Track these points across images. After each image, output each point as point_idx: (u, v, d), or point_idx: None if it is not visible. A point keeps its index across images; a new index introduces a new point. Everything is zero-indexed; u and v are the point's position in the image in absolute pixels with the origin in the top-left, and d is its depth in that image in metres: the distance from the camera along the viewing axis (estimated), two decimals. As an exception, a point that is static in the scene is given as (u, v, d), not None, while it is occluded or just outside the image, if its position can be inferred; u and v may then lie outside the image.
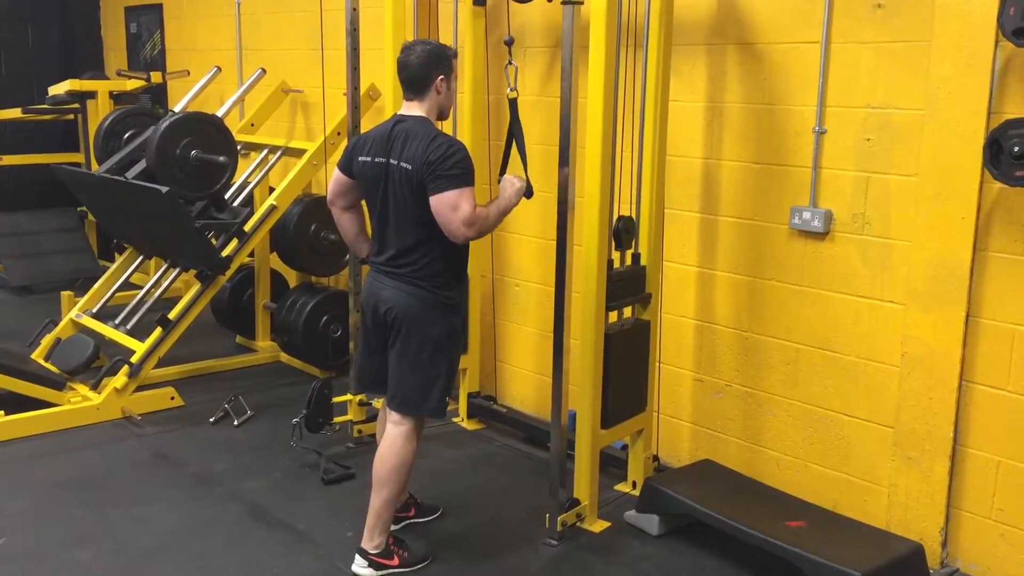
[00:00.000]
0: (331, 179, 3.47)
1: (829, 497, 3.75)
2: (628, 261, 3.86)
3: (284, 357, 5.80)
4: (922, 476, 3.43)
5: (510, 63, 3.54)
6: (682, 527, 3.67)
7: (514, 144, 3.56)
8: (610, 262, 3.67)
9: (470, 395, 4.86)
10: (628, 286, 3.80)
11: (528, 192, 3.43)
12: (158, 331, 5.01)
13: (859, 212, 3.57)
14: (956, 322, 3.30)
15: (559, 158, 3.50)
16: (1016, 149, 2.97)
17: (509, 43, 3.61)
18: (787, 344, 3.85)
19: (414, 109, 3.28)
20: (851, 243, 3.61)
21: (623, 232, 3.77)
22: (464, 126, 4.64)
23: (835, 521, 3.53)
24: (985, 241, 3.24)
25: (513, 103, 3.50)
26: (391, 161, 3.21)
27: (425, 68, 3.24)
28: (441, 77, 3.26)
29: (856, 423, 3.66)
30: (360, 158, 3.30)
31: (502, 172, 3.52)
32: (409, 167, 3.15)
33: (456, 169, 3.11)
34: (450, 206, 3.10)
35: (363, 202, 3.46)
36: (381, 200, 3.26)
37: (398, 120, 3.28)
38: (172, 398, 5.01)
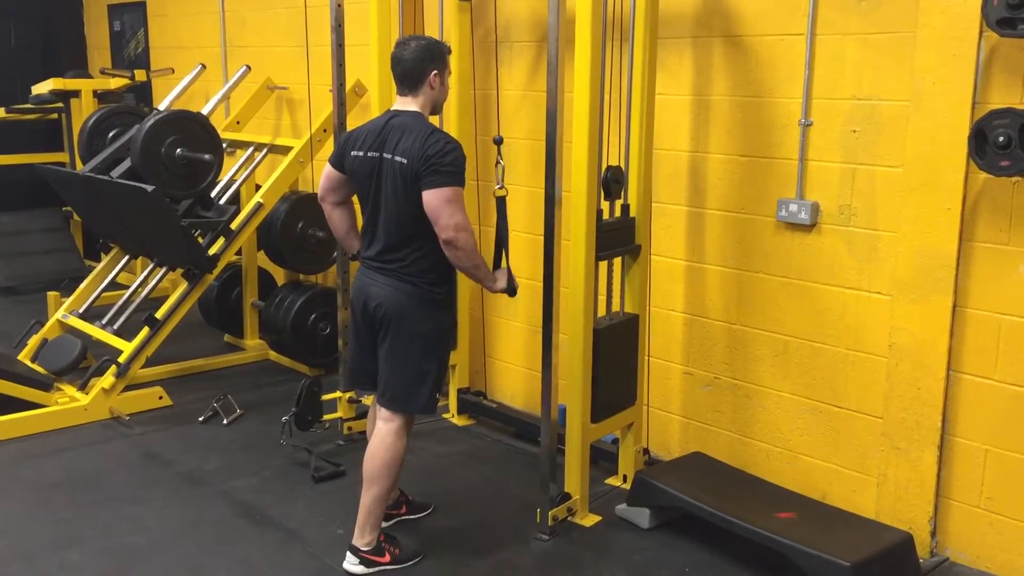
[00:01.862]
0: (322, 174, 3.45)
1: (819, 488, 3.77)
2: (617, 212, 3.85)
3: (273, 355, 5.79)
4: (911, 466, 3.45)
5: (499, 163, 3.51)
6: (673, 520, 3.68)
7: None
8: (599, 212, 3.65)
9: (460, 391, 4.86)
10: (618, 236, 3.79)
11: (511, 291, 3.42)
12: (145, 331, 4.98)
13: (846, 204, 3.58)
14: (943, 312, 3.31)
15: (545, 153, 3.50)
16: (1001, 139, 2.98)
17: (498, 142, 3.58)
18: (775, 336, 3.86)
19: (408, 104, 3.28)
20: (838, 235, 3.62)
21: (612, 182, 3.76)
22: (451, 121, 4.63)
23: (825, 512, 3.55)
24: (971, 231, 3.25)
25: (501, 201, 3.46)
26: (385, 155, 3.20)
27: (419, 63, 3.23)
28: (435, 72, 3.26)
29: (845, 414, 3.68)
30: (352, 152, 3.29)
31: (495, 266, 3.48)
32: (404, 161, 3.14)
33: (452, 167, 3.12)
34: (444, 201, 3.10)
35: (354, 198, 3.45)
36: (373, 195, 3.26)
37: (392, 115, 3.27)
38: (160, 398, 4.99)
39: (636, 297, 3.95)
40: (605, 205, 3.77)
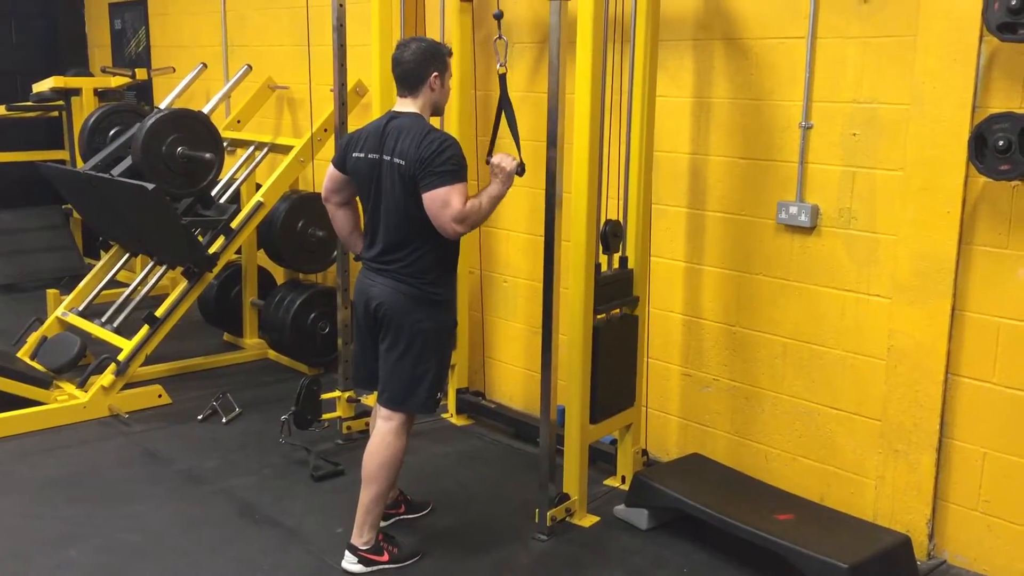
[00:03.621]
0: (325, 175, 3.46)
1: (817, 490, 3.77)
2: (616, 264, 3.87)
3: (272, 354, 5.79)
4: (909, 468, 3.46)
5: (499, 37, 3.49)
6: (671, 521, 3.69)
7: (504, 120, 3.50)
8: (597, 266, 3.67)
9: (459, 391, 4.86)
10: (616, 289, 3.81)
11: (520, 170, 3.36)
12: (145, 329, 4.99)
13: (845, 207, 3.58)
14: (942, 315, 3.32)
15: (546, 154, 3.50)
16: (1000, 143, 2.99)
17: (498, 16, 3.55)
18: (774, 338, 3.86)
19: (408, 105, 3.28)
20: (837, 237, 3.62)
21: (610, 236, 3.78)
22: (452, 122, 4.63)
23: (823, 514, 3.55)
24: (970, 235, 3.26)
25: (502, 79, 3.46)
26: (384, 157, 3.21)
27: (419, 65, 3.24)
28: (435, 74, 3.26)
29: (843, 416, 3.68)
30: (354, 154, 3.30)
31: (490, 151, 3.48)
32: (402, 163, 3.15)
33: (448, 165, 3.11)
34: (442, 202, 3.10)
35: (358, 198, 3.46)
36: (374, 196, 3.26)
37: (392, 116, 3.28)
38: (160, 396, 4.99)
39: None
40: (603, 259, 3.78)
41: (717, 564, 3.48)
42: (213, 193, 5.40)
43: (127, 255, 5.75)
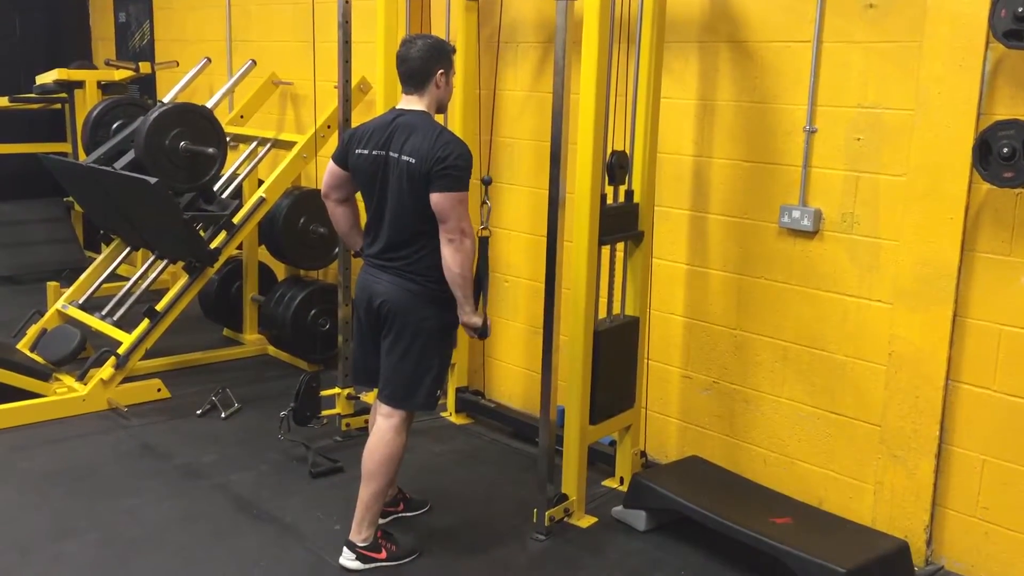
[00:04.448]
0: (326, 172, 3.46)
1: (815, 494, 3.78)
2: (621, 197, 3.85)
3: (272, 350, 5.79)
4: (908, 474, 3.46)
5: (484, 203, 3.56)
6: (669, 523, 3.69)
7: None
8: (603, 197, 3.65)
9: (458, 390, 4.86)
10: (621, 221, 3.79)
11: (484, 333, 3.38)
12: (145, 323, 4.98)
13: (848, 211, 3.58)
14: (943, 322, 3.32)
15: (550, 154, 3.50)
16: (1005, 150, 2.99)
17: (487, 183, 3.61)
18: (775, 342, 3.86)
19: (413, 103, 3.28)
20: (840, 242, 3.62)
21: (616, 167, 3.76)
22: (455, 120, 4.63)
23: (821, 518, 3.56)
24: (973, 241, 3.26)
25: (484, 242, 3.46)
26: (391, 154, 3.20)
27: (425, 62, 3.23)
28: (441, 71, 3.26)
29: (843, 421, 3.68)
30: (357, 150, 3.30)
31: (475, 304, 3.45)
32: (413, 160, 3.14)
33: (462, 172, 3.14)
34: (455, 202, 3.12)
35: (358, 195, 3.45)
36: (379, 193, 3.26)
37: (398, 113, 3.27)
38: (159, 390, 4.99)
39: (637, 299, 3.95)
40: (609, 190, 3.76)
41: (714, 566, 3.48)
42: (215, 188, 5.40)
43: (128, 249, 5.74)
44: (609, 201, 3.74)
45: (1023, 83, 3.10)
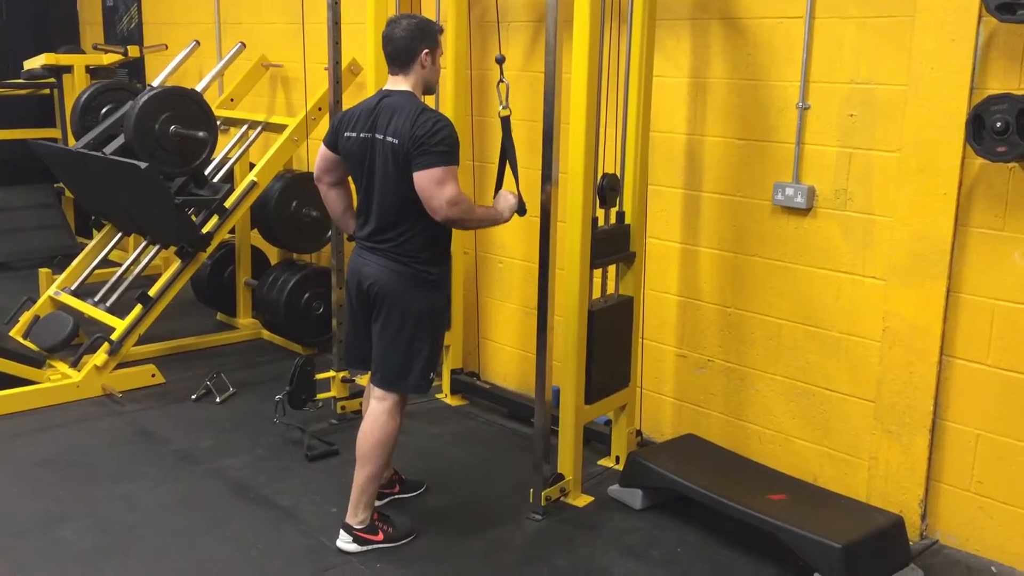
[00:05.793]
0: (317, 155, 3.44)
1: (810, 470, 3.79)
2: (612, 220, 3.85)
3: (266, 334, 5.78)
4: (902, 449, 3.47)
5: (501, 81, 3.45)
6: (665, 501, 3.70)
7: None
8: (595, 220, 3.65)
9: (453, 371, 4.86)
10: (613, 244, 3.79)
11: (521, 210, 3.40)
12: (138, 308, 4.97)
13: (842, 188, 3.58)
14: (937, 297, 3.32)
15: (543, 133, 3.48)
16: (998, 124, 2.98)
17: (500, 61, 3.53)
18: (769, 319, 3.86)
19: (399, 83, 3.26)
20: (833, 219, 3.62)
21: (608, 190, 3.75)
22: (447, 101, 4.60)
23: (816, 494, 3.57)
24: (966, 216, 3.26)
25: (506, 121, 3.43)
26: (377, 136, 3.18)
27: (410, 42, 3.21)
28: (426, 51, 3.24)
29: (837, 397, 3.69)
30: (346, 133, 3.28)
31: (497, 188, 3.49)
32: (395, 141, 3.13)
33: (443, 146, 3.10)
34: (435, 182, 3.09)
35: (350, 178, 3.43)
36: (367, 176, 3.24)
37: (384, 95, 3.25)
38: (153, 375, 4.98)
39: (631, 279, 3.94)
40: (600, 213, 3.75)
41: (710, 543, 3.49)
42: (207, 172, 5.37)
43: (120, 234, 5.72)
44: (600, 224, 3.74)
45: (1016, 57, 3.09)
